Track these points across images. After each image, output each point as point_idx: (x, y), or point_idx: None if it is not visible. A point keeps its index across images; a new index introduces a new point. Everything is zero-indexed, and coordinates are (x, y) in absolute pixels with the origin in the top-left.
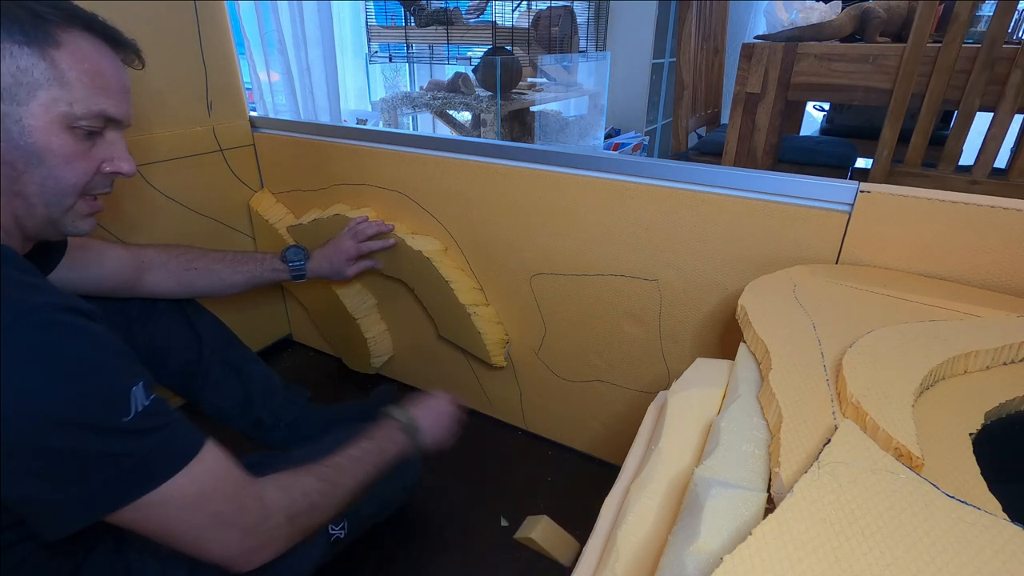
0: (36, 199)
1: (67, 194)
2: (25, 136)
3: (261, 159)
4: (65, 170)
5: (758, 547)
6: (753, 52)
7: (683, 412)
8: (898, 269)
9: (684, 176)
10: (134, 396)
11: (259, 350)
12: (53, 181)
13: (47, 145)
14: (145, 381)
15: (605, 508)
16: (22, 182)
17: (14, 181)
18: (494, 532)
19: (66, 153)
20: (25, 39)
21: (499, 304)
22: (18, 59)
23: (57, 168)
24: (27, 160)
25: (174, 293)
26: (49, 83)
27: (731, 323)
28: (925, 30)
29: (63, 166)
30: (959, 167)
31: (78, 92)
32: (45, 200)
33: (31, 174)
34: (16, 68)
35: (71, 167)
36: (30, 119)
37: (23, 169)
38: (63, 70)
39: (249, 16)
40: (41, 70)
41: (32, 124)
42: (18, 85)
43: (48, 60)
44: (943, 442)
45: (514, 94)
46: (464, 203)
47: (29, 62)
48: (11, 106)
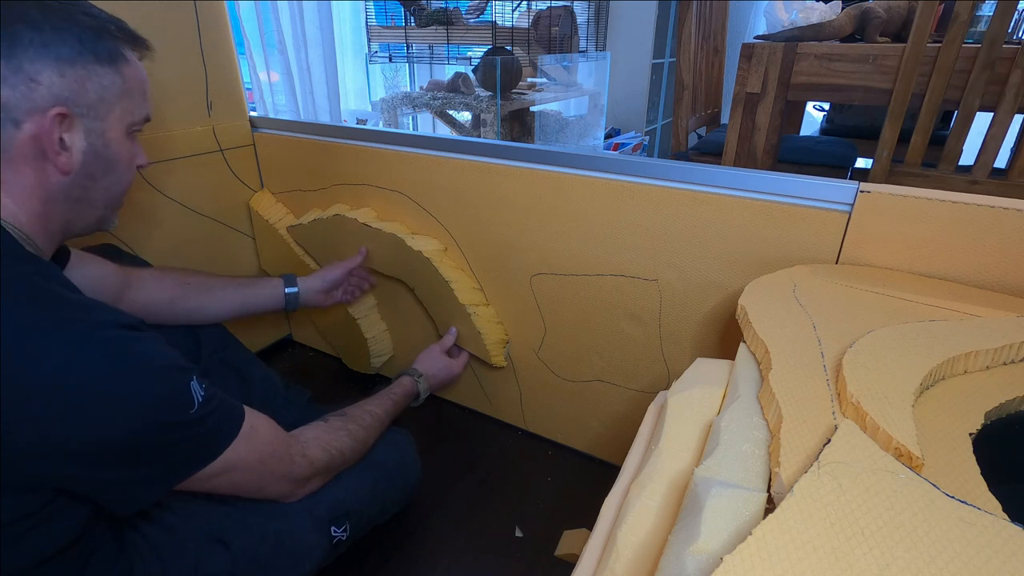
0: (100, 202)
1: (123, 194)
2: (107, 148)
3: (261, 159)
4: (127, 173)
5: (758, 547)
6: (753, 52)
7: (683, 412)
8: (898, 269)
9: (684, 176)
10: (194, 390)
11: (259, 350)
12: (118, 185)
13: (119, 153)
14: (197, 373)
15: (605, 508)
16: (95, 190)
17: (87, 190)
18: (494, 532)
19: (128, 157)
20: (107, 58)
21: (499, 304)
22: (101, 78)
23: (123, 172)
24: (105, 169)
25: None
26: (120, 96)
27: (731, 323)
28: (925, 30)
29: (126, 170)
30: (959, 167)
31: (136, 101)
32: (106, 202)
33: (105, 182)
34: (100, 86)
35: (130, 169)
36: (109, 132)
37: (99, 178)
38: (128, 83)
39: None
40: (117, 86)
41: (111, 136)
42: (100, 101)
43: (120, 76)
44: (943, 442)
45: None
46: (464, 203)
47: (109, 80)
48: (94, 121)
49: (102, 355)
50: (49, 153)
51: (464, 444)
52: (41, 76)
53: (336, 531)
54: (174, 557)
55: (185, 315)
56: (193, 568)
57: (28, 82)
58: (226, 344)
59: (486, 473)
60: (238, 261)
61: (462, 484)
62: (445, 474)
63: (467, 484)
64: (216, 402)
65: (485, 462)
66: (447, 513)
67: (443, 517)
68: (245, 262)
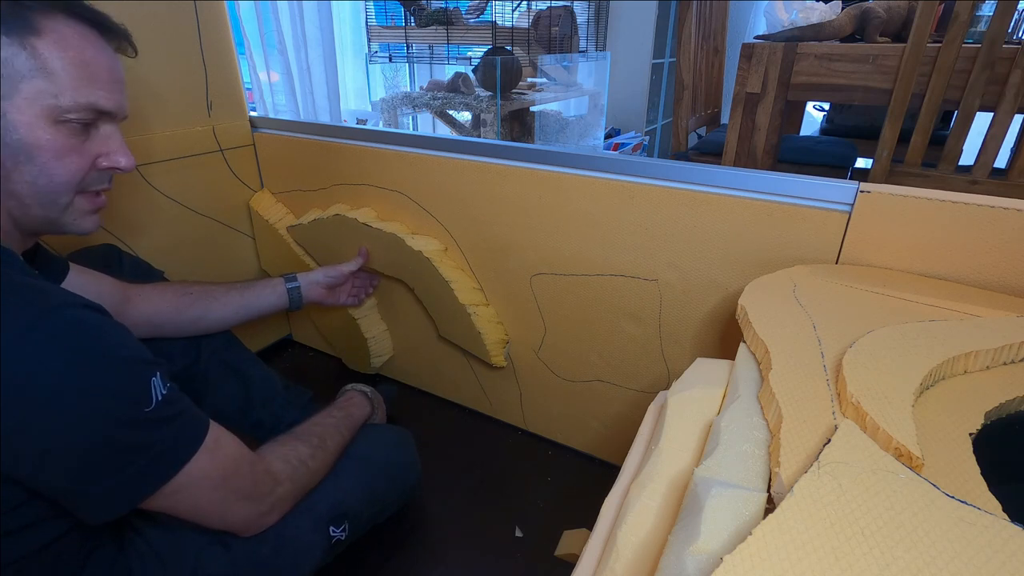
0: (29, 199)
1: (61, 192)
2: (11, 132)
3: (261, 159)
4: (56, 166)
5: (758, 547)
6: (753, 52)
7: (683, 412)
8: (898, 269)
9: (684, 176)
10: (154, 386)
11: (259, 350)
12: (45, 178)
13: (35, 141)
14: (161, 371)
15: (605, 508)
16: (12, 181)
17: (5, 180)
18: (494, 532)
19: (56, 148)
20: (3, 28)
21: (499, 304)
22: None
23: (48, 164)
24: (15, 157)
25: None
26: (32, 74)
27: (731, 323)
28: (925, 30)
29: (53, 162)
30: (959, 167)
31: (64, 83)
32: (39, 199)
33: (21, 172)
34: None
35: (62, 163)
36: (15, 113)
37: (12, 167)
38: (46, 59)
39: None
40: (22, 60)
41: (17, 119)
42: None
43: (29, 49)
44: (943, 442)
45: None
46: (464, 203)
47: (9, 52)
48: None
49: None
50: None
51: (464, 444)
52: None
53: (335, 531)
54: (173, 558)
55: (190, 323)
56: (192, 569)
57: None
58: (226, 344)
59: (486, 473)
60: (238, 261)
61: (462, 484)
62: (445, 474)
63: (467, 484)
64: (180, 406)
65: (485, 462)
66: (447, 513)
67: (443, 517)
68: (245, 262)
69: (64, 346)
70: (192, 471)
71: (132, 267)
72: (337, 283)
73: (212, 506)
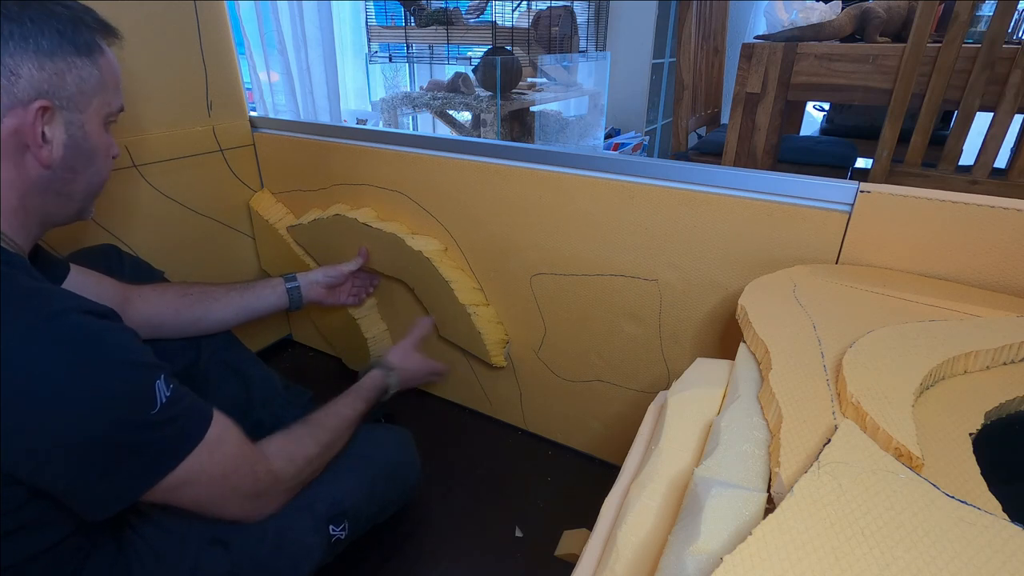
0: (80, 194)
1: (102, 184)
2: (86, 140)
3: (261, 159)
4: (106, 163)
5: (758, 547)
6: (753, 52)
7: (683, 412)
8: (898, 269)
9: (684, 176)
10: (158, 389)
11: (259, 350)
12: (98, 176)
13: (98, 145)
14: (165, 372)
15: (605, 508)
16: (76, 183)
17: (68, 183)
18: (494, 532)
19: (106, 149)
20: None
21: (499, 304)
22: (80, 70)
23: (102, 164)
24: (86, 162)
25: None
26: (97, 88)
27: (731, 323)
28: (925, 30)
29: (104, 161)
30: (959, 167)
31: (111, 92)
32: (86, 193)
33: (86, 174)
34: (79, 79)
35: (108, 160)
36: (89, 124)
37: (80, 170)
38: (104, 74)
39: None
40: (95, 78)
41: (90, 128)
42: (80, 94)
43: (97, 67)
44: (943, 442)
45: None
46: (464, 203)
47: (88, 72)
48: (74, 113)
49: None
50: (32, 147)
51: (464, 444)
52: (21, 69)
53: (335, 530)
54: (173, 558)
55: (190, 324)
56: (192, 569)
57: (9, 76)
58: (226, 344)
59: (486, 473)
60: (238, 261)
61: (462, 484)
62: (445, 474)
63: (467, 484)
64: (183, 405)
65: (485, 462)
66: (447, 513)
67: (443, 517)
68: (245, 262)
69: (67, 351)
70: (190, 467)
71: (132, 267)
72: (337, 283)
73: (211, 501)
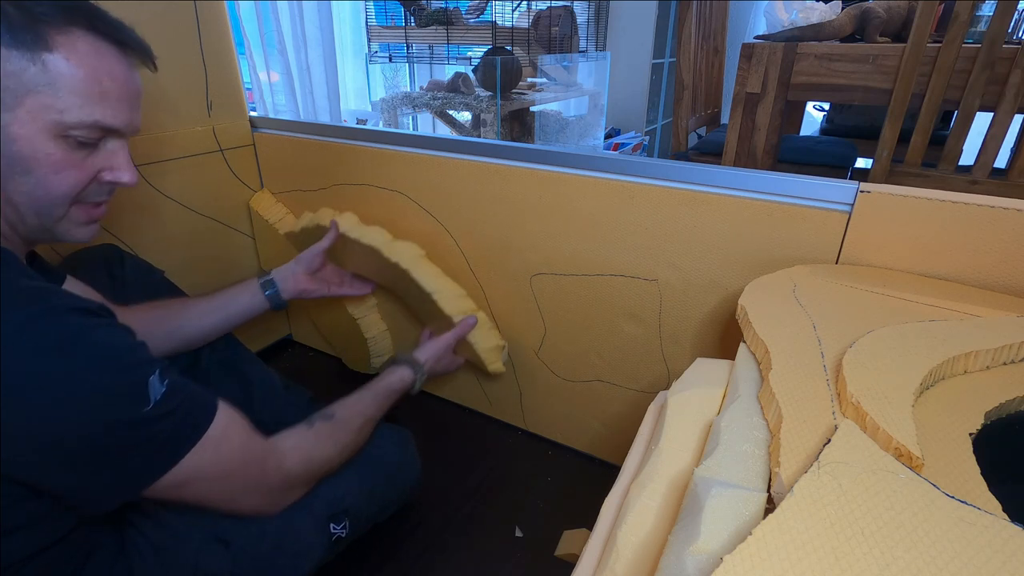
0: (25, 208)
1: (56, 204)
2: (10, 143)
3: (261, 159)
4: (53, 180)
5: (758, 547)
6: (753, 52)
7: (683, 412)
8: (898, 269)
9: (684, 176)
10: (152, 386)
11: (259, 350)
12: (41, 191)
13: (33, 154)
14: (160, 368)
15: (605, 508)
16: (9, 190)
17: (3, 189)
18: (494, 532)
19: (55, 163)
20: (13, 41)
21: (499, 304)
22: (6, 62)
23: (45, 178)
24: (12, 168)
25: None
26: (39, 88)
27: (731, 323)
28: (925, 30)
29: (51, 176)
30: (959, 167)
31: (70, 99)
32: (35, 209)
33: (18, 183)
34: (3, 72)
35: (60, 177)
36: (15, 126)
37: (9, 177)
38: (54, 75)
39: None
40: (30, 74)
41: (17, 131)
42: (5, 90)
43: (39, 64)
44: (943, 442)
45: (514, 94)
46: (464, 203)
47: (17, 66)
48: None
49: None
50: None
51: (464, 444)
52: None
53: (336, 528)
54: (174, 556)
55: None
56: (193, 567)
57: None
58: (226, 344)
59: (486, 473)
60: (238, 261)
61: (462, 484)
62: (445, 474)
63: (467, 484)
64: (181, 398)
65: (485, 462)
66: (447, 513)
67: (443, 517)
68: (245, 262)
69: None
70: (194, 463)
71: (133, 267)
72: (316, 266)
73: (221, 496)
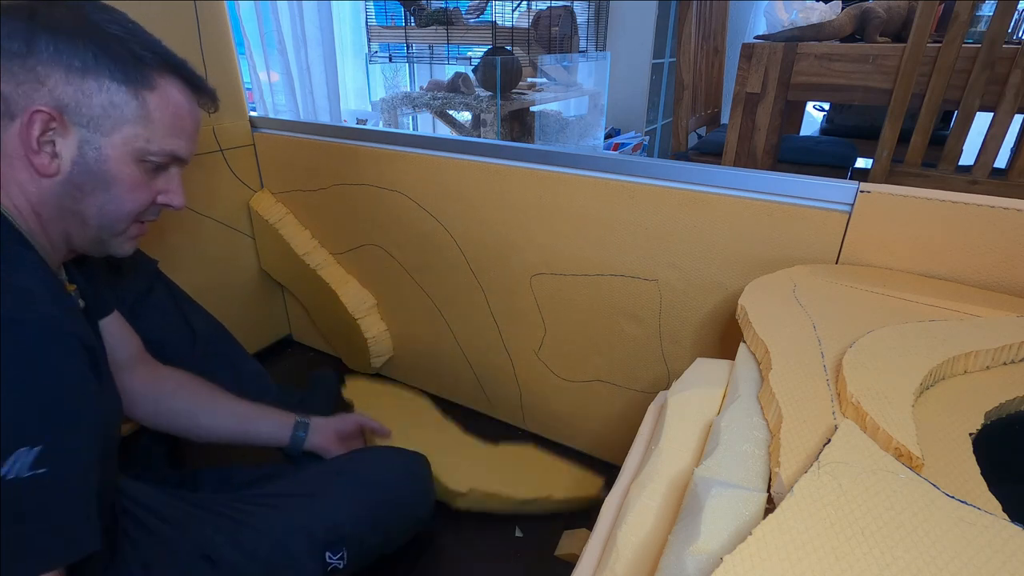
0: (93, 220)
1: (122, 219)
2: (100, 163)
3: (261, 159)
4: (127, 197)
5: (758, 547)
6: (753, 52)
7: (683, 412)
8: (898, 269)
9: (684, 176)
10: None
11: (259, 350)
12: (113, 206)
13: (118, 174)
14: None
15: (605, 508)
16: (84, 203)
17: (76, 201)
18: (494, 533)
19: (132, 183)
20: (124, 79)
21: (499, 304)
22: (112, 95)
23: (120, 195)
24: (95, 185)
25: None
26: (135, 120)
27: (731, 323)
28: (925, 30)
29: (126, 194)
30: (959, 167)
31: (157, 131)
32: (100, 222)
33: (95, 197)
34: (109, 103)
35: (132, 195)
36: (109, 148)
37: (89, 192)
38: (150, 110)
39: (249, 16)
40: (132, 108)
41: (110, 153)
42: (106, 117)
43: (140, 100)
44: (943, 442)
45: (514, 94)
46: (464, 203)
47: (122, 100)
48: (93, 135)
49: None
50: (27, 151)
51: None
52: (49, 79)
53: (332, 557)
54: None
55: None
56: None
57: (35, 82)
58: (221, 338)
59: None
60: (238, 261)
61: None
62: None
63: None
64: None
65: None
66: (447, 513)
67: (443, 517)
68: (245, 262)
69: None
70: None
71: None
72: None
73: None
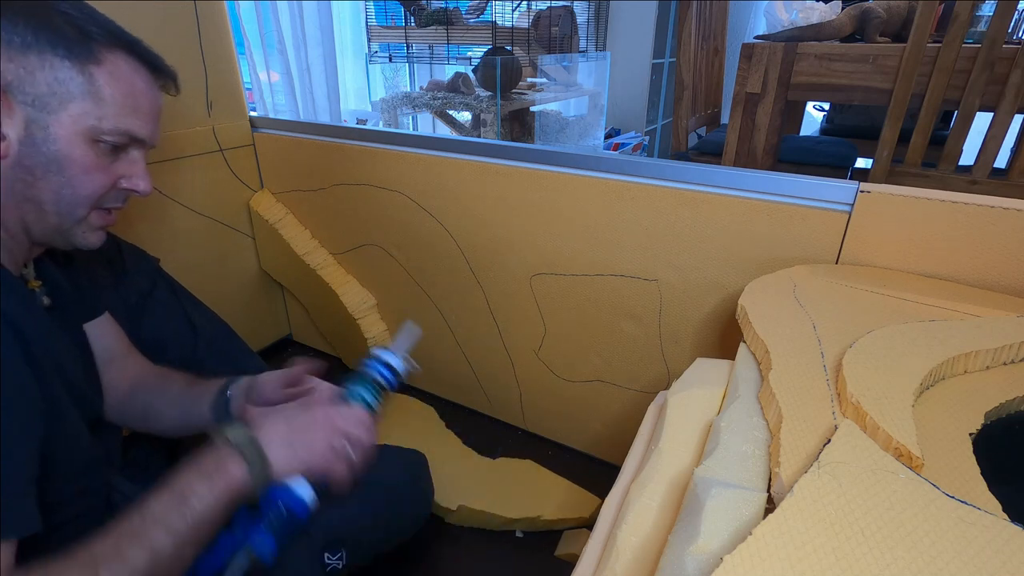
0: (49, 206)
1: (80, 204)
2: (48, 143)
3: (261, 159)
4: (83, 180)
5: (758, 547)
6: (753, 52)
7: (683, 412)
8: (898, 269)
9: (684, 176)
10: None
11: (259, 350)
12: (69, 190)
13: (69, 154)
14: None
15: (605, 508)
16: (37, 188)
17: (29, 186)
18: (494, 533)
19: (86, 164)
20: (67, 53)
21: (499, 304)
22: (57, 71)
23: (75, 178)
24: (46, 167)
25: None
26: (83, 96)
27: (731, 323)
28: (925, 30)
29: (81, 176)
30: (959, 167)
31: (109, 109)
32: (58, 208)
33: (49, 181)
34: (53, 79)
35: (89, 178)
36: (57, 127)
37: (40, 175)
38: (99, 86)
39: (249, 16)
40: (78, 84)
41: (58, 132)
42: (51, 95)
43: (86, 75)
44: (943, 442)
45: (514, 94)
46: (464, 203)
47: (67, 75)
48: (40, 113)
49: None
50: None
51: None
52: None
53: (330, 559)
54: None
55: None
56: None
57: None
58: (223, 336)
59: None
60: (238, 261)
61: None
62: None
63: None
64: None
65: None
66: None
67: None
68: (245, 262)
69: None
70: None
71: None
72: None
73: None
